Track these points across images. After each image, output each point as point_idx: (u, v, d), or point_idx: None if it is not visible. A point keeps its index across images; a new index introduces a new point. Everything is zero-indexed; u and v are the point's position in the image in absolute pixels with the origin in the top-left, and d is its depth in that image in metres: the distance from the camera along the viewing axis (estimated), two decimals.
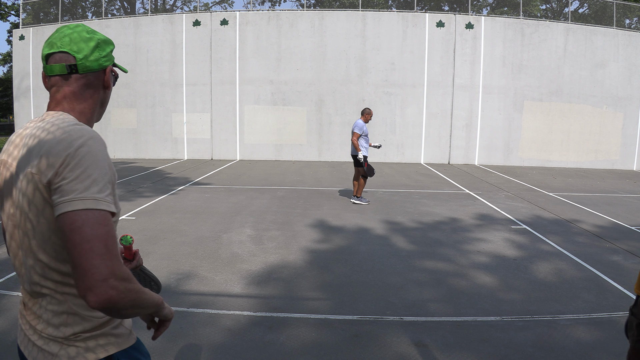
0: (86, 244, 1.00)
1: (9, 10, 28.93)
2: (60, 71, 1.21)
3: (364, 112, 8.32)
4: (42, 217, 1.11)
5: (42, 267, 1.14)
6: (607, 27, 16.20)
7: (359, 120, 8.20)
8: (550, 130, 16.06)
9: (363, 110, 8.36)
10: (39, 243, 1.13)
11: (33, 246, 1.14)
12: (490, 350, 3.16)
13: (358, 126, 8.10)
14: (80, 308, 1.17)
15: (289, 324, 3.52)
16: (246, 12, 16.35)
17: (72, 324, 1.16)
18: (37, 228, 1.12)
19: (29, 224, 1.13)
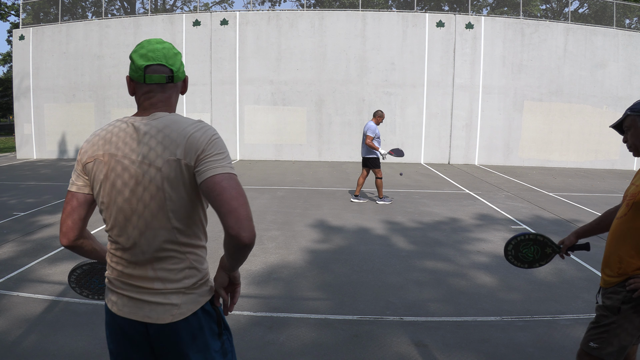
0: (235, 196, 1.33)
1: (9, 10, 28.93)
2: (159, 80, 1.50)
3: (376, 114, 8.36)
4: (184, 191, 1.43)
5: (174, 233, 1.45)
6: (607, 27, 16.20)
7: (371, 123, 8.23)
8: (550, 130, 16.06)
9: (375, 113, 8.39)
10: (175, 213, 1.44)
11: (170, 217, 1.44)
12: (490, 350, 3.16)
13: (371, 129, 8.13)
14: (196, 262, 1.52)
15: (289, 324, 3.52)
16: (246, 12, 16.35)
17: (191, 276, 1.49)
18: (178, 201, 1.43)
19: (169, 200, 1.42)
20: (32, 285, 4.23)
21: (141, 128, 1.46)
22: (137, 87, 1.54)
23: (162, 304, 1.46)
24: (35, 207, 7.73)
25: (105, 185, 1.46)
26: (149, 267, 1.47)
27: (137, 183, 1.43)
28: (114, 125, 1.50)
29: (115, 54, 16.58)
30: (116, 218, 1.47)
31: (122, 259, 1.50)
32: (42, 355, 3.00)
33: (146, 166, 1.42)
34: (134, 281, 1.48)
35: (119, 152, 1.45)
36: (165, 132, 1.43)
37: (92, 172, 1.48)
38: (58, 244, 5.56)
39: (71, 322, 3.50)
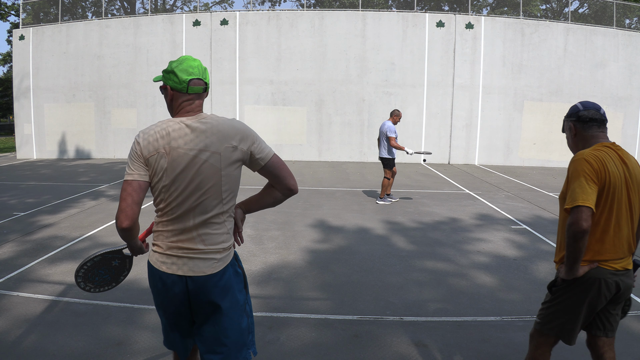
0: (287, 169, 1.98)
1: (9, 10, 28.93)
2: (198, 91, 1.93)
3: (393, 113, 8.35)
4: (236, 170, 1.91)
5: (221, 205, 1.90)
6: (607, 27, 16.20)
7: (389, 123, 8.22)
8: (550, 130, 16.05)
9: (392, 112, 8.38)
10: (226, 188, 1.89)
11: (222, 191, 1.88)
12: (490, 350, 3.16)
13: (391, 129, 8.15)
14: (230, 230, 1.97)
15: (289, 324, 3.52)
16: (246, 12, 16.35)
17: (227, 241, 1.94)
18: (230, 179, 1.89)
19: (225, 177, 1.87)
20: (32, 285, 4.23)
21: (195, 125, 1.87)
22: (178, 95, 1.93)
23: (204, 259, 1.87)
24: (35, 207, 7.73)
25: (169, 172, 1.84)
26: (195, 232, 1.87)
27: (199, 167, 1.84)
28: (166, 125, 1.88)
29: (115, 54, 16.58)
30: (177, 196, 1.86)
31: (173, 231, 1.89)
32: (42, 355, 3.00)
33: (207, 153, 1.84)
34: (182, 244, 1.88)
35: (179, 145, 1.84)
36: (219, 127, 1.87)
37: (154, 163, 1.84)
38: (58, 244, 5.56)
39: (71, 322, 3.50)
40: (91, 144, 17.14)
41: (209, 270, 1.87)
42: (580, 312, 2.19)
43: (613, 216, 2.10)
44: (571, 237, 2.02)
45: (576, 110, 2.25)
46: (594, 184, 2.05)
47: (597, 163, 2.07)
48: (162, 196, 1.87)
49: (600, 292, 2.14)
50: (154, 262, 1.93)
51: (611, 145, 2.16)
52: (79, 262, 2.14)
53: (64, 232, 6.13)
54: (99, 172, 12.82)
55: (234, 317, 1.94)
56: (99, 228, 6.33)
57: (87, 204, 8.08)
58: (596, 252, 2.13)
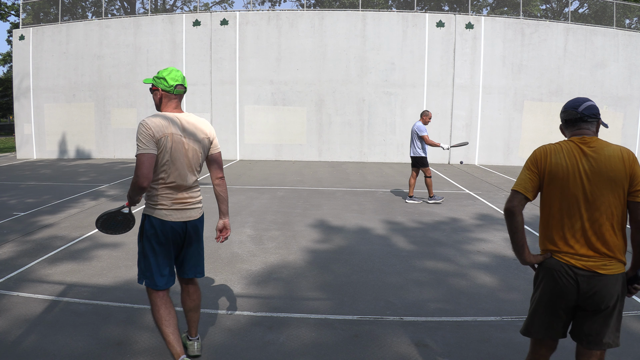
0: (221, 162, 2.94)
1: (9, 10, 28.92)
2: (180, 92, 2.79)
3: (423, 114, 8.50)
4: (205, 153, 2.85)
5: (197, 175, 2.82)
6: (607, 27, 16.20)
7: (420, 123, 8.35)
8: (550, 130, 16.04)
9: (423, 112, 8.52)
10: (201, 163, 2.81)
11: (200, 166, 2.80)
12: (490, 350, 3.16)
13: (422, 128, 8.29)
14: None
15: (289, 324, 3.52)
16: (246, 12, 16.35)
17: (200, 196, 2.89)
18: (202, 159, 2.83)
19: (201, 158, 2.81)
20: (32, 285, 4.23)
21: (184, 120, 2.73)
22: (166, 95, 2.76)
23: (195, 209, 2.82)
24: (35, 207, 7.73)
25: (171, 150, 2.63)
26: (186, 192, 2.76)
27: (186, 147, 2.70)
28: (167, 116, 2.69)
29: (115, 54, 16.58)
30: (177, 168, 2.67)
31: (173, 193, 2.71)
32: (42, 355, 3.00)
33: (194, 141, 2.73)
34: (181, 200, 2.74)
35: (177, 132, 2.67)
36: (199, 123, 2.80)
37: (162, 142, 2.60)
38: (58, 244, 5.56)
39: (71, 322, 3.50)
40: (91, 144, 17.14)
41: (198, 215, 2.84)
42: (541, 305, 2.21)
43: (557, 206, 2.14)
44: (504, 217, 2.24)
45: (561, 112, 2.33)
46: (530, 172, 2.20)
47: (540, 154, 2.21)
48: (165, 168, 2.64)
49: (557, 285, 2.14)
50: (162, 216, 2.69)
51: (577, 140, 2.18)
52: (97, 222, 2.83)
53: (64, 232, 6.13)
54: (99, 172, 12.82)
55: (202, 241, 2.95)
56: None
57: (87, 204, 8.07)
58: (549, 241, 2.19)
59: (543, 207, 2.23)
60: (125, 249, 5.32)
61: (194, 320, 2.98)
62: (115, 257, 5.06)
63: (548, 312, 2.21)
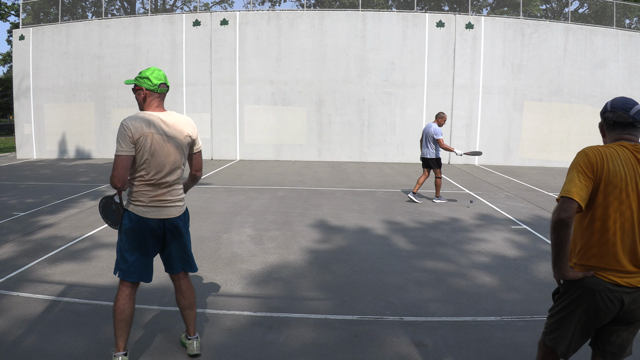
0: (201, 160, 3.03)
1: (9, 10, 28.92)
2: (164, 91, 2.86)
3: (438, 115, 8.54)
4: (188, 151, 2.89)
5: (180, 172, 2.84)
6: (607, 27, 16.20)
7: (435, 126, 8.37)
8: (550, 130, 16.06)
9: (438, 114, 8.55)
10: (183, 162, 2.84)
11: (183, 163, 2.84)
12: (490, 350, 3.16)
13: (438, 132, 8.32)
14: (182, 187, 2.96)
15: (289, 324, 3.52)
16: (246, 12, 16.35)
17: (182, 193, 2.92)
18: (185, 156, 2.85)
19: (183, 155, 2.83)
20: (32, 285, 4.23)
21: (166, 119, 2.77)
22: (150, 94, 2.81)
23: (175, 207, 2.84)
24: (35, 207, 7.73)
25: (150, 149, 2.68)
26: (167, 190, 2.80)
27: (169, 146, 2.74)
28: (148, 116, 2.73)
29: (115, 54, 16.58)
30: (156, 166, 2.71)
31: (152, 190, 2.75)
32: (42, 355, 3.00)
33: (175, 139, 2.76)
34: (159, 197, 2.77)
35: (156, 131, 2.71)
36: (180, 121, 2.83)
37: (140, 142, 2.66)
38: (58, 244, 5.56)
39: (71, 322, 3.50)
40: (91, 144, 17.14)
41: (177, 213, 2.85)
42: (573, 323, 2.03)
43: (611, 220, 1.92)
44: (551, 227, 1.96)
45: (604, 111, 2.07)
46: (585, 177, 1.93)
47: (596, 157, 1.94)
48: (145, 166, 2.70)
49: (596, 306, 1.95)
50: (139, 212, 2.73)
51: (629, 146, 1.96)
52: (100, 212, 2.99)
53: (64, 232, 6.13)
54: (99, 172, 12.82)
55: (189, 239, 2.98)
56: (99, 228, 6.33)
57: (87, 204, 8.07)
58: (593, 257, 1.96)
59: (591, 219, 1.96)
60: None
61: (190, 318, 2.99)
62: (115, 257, 5.06)
63: (585, 333, 2.05)
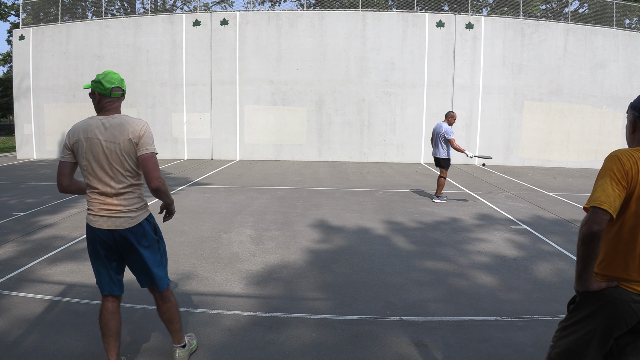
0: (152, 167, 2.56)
1: (9, 10, 28.91)
2: (117, 95, 2.67)
3: (448, 115, 8.52)
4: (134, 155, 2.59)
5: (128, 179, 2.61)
6: (607, 27, 16.20)
7: (446, 125, 8.37)
8: (550, 130, 16.06)
9: (448, 113, 8.54)
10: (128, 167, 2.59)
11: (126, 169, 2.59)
12: (490, 350, 3.16)
13: (449, 131, 8.32)
14: (140, 195, 2.69)
15: (289, 324, 3.52)
16: (246, 12, 16.35)
17: (137, 203, 2.67)
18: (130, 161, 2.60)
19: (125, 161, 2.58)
20: (32, 285, 4.23)
21: (106, 122, 2.60)
22: (102, 98, 2.65)
23: (123, 218, 2.62)
24: (35, 207, 7.73)
25: (86, 155, 2.57)
26: (115, 198, 2.61)
27: (106, 152, 2.56)
28: (88, 121, 2.61)
29: (115, 54, 16.58)
30: (95, 173, 2.58)
31: (100, 198, 2.62)
32: (42, 355, 3.00)
33: (112, 143, 2.56)
34: (107, 207, 2.61)
35: (93, 136, 2.57)
36: (122, 124, 2.59)
37: (75, 147, 2.60)
38: (58, 244, 5.56)
39: (71, 322, 3.50)
40: None
41: (126, 225, 2.61)
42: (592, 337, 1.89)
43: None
44: (580, 240, 1.79)
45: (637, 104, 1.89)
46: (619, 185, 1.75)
47: (630, 163, 1.77)
48: (85, 173, 2.62)
49: (618, 317, 1.84)
50: (89, 221, 2.65)
51: None
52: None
53: (64, 232, 6.13)
54: None
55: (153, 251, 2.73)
56: None
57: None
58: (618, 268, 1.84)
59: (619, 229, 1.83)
60: None
61: (171, 330, 2.89)
62: None
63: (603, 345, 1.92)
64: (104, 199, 2.60)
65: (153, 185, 2.57)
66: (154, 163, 2.59)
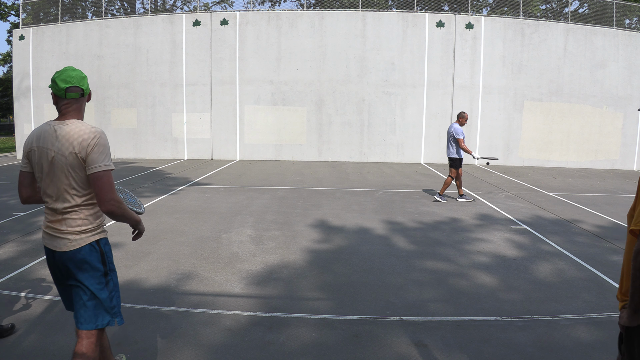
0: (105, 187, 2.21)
1: (9, 10, 28.91)
2: (75, 96, 2.31)
3: (460, 115, 8.58)
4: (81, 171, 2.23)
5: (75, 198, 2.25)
6: (607, 27, 16.20)
7: (456, 126, 8.43)
8: (550, 130, 16.06)
9: (459, 114, 8.59)
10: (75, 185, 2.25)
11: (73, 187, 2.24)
12: (490, 350, 3.16)
13: (459, 131, 8.38)
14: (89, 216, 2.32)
15: (289, 324, 3.52)
16: (246, 12, 16.35)
17: (83, 225, 2.30)
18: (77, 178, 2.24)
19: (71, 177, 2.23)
20: (32, 285, 4.23)
21: (59, 130, 2.25)
22: (57, 100, 2.31)
23: (63, 239, 2.28)
24: (35, 207, 7.73)
25: (37, 166, 2.29)
26: (60, 216, 2.28)
27: (54, 164, 2.24)
28: (43, 127, 2.31)
29: (115, 54, 16.58)
30: (45, 187, 2.29)
31: (49, 214, 2.32)
32: (42, 355, 3.00)
33: (59, 154, 2.22)
34: (53, 224, 2.30)
35: (45, 145, 2.26)
36: (71, 133, 2.22)
37: (30, 157, 2.32)
38: None
39: (71, 322, 3.49)
40: None
41: (64, 247, 2.27)
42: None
43: None
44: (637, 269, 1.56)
45: None
46: None
47: None
48: (39, 184, 2.35)
49: None
50: (42, 236, 2.41)
51: None
52: None
53: None
54: None
55: (89, 285, 2.30)
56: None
57: None
58: None
59: None
60: (125, 249, 5.31)
61: None
62: (115, 257, 5.06)
63: None
64: (52, 216, 2.30)
65: (104, 208, 2.22)
66: (107, 183, 2.21)
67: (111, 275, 2.40)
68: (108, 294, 2.35)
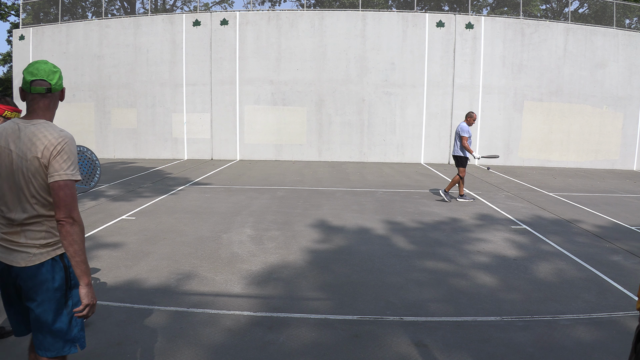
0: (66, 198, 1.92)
1: (9, 10, 28.92)
2: (40, 91, 2.01)
3: (468, 115, 8.68)
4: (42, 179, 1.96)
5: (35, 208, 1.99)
6: (607, 27, 16.20)
7: (464, 124, 8.53)
8: (550, 130, 16.06)
9: (468, 114, 8.68)
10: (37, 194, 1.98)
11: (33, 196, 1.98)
12: (490, 350, 3.16)
13: (464, 129, 8.46)
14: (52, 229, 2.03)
15: (289, 324, 3.52)
16: (246, 12, 16.35)
17: (47, 238, 2.03)
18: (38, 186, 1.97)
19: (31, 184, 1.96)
20: None
21: (22, 129, 1.99)
22: (24, 94, 2.04)
23: (22, 252, 2.00)
24: None
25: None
26: (19, 228, 2.01)
27: (14, 168, 1.97)
28: (8, 124, 2.04)
29: (115, 54, 16.59)
30: (2, 193, 2.02)
31: (5, 223, 2.04)
32: None
33: (20, 158, 1.96)
34: (9, 237, 2.02)
35: (6, 145, 1.99)
36: (35, 135, 1.96)
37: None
38: None
39: None
40: (91, 144, 17.14)
41: (23, 262, 2.00)
42: None
43: None
44: None
45: None
46: None
47: None
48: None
49: None
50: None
51: None
52: None
53: None
54: None
55: (48, 309, 2.01)
56: (99, 228, 6.32)
57: (87, 204, 8.07)
58: None
59: None
60: (125, 249, 5.32)
61: None
62: (115, 257, 5.06)
63: None
64: (8, 227, 2.02)
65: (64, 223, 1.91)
66: (68, 194, 1.92)
67: (72, 293, 2.08)
68: (68, 321, 2.05)
